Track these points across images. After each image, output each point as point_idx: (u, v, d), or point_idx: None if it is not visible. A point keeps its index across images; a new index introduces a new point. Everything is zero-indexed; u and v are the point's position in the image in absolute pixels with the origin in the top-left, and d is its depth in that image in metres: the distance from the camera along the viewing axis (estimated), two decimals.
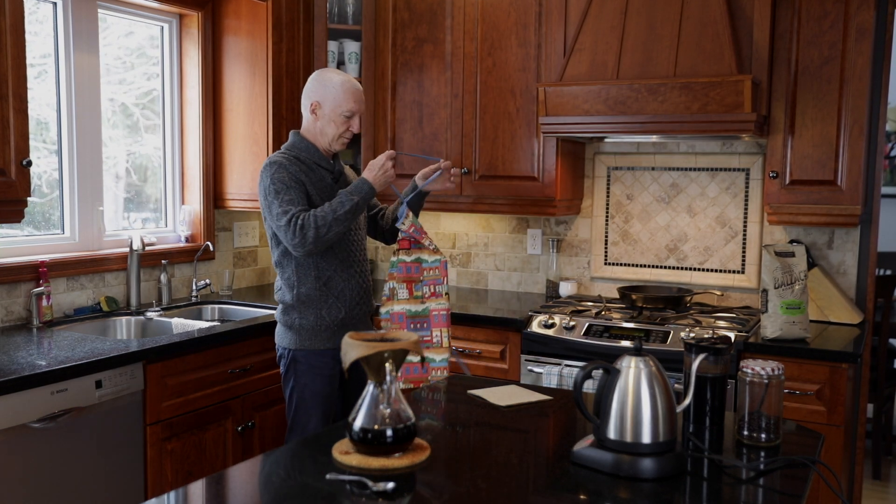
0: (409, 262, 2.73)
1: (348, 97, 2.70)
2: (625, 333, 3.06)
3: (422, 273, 2.74)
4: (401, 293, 2.72)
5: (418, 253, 2.74)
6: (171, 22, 3.69)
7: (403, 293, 2.72)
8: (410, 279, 2.72)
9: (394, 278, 2.73)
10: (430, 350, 2.72)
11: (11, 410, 2.27)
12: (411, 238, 2.72)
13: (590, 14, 3.17)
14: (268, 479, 1.63)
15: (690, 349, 1.90)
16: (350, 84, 2.72)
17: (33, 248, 3.11)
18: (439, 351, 2.73)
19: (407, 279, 2.72)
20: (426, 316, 2.73)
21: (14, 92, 2.55)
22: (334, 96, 2.70)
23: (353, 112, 2.72)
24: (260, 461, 1.70)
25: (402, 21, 3.75)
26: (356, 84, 2.74)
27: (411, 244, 2.72)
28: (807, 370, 2.78)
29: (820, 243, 3.34)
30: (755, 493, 1.60)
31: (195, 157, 3.75)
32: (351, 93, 2.71)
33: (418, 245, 2.74)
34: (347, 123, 2.72)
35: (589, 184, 3.77)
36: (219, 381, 2.95)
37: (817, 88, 3.00)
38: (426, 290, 2.73)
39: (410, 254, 2.73)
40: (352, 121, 2.73)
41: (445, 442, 1.84)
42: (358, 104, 2.74)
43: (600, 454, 1.63)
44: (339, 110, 2.70)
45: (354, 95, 2.72)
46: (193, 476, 2.83)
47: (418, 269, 2.73)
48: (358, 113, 2.74)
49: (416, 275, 2.73)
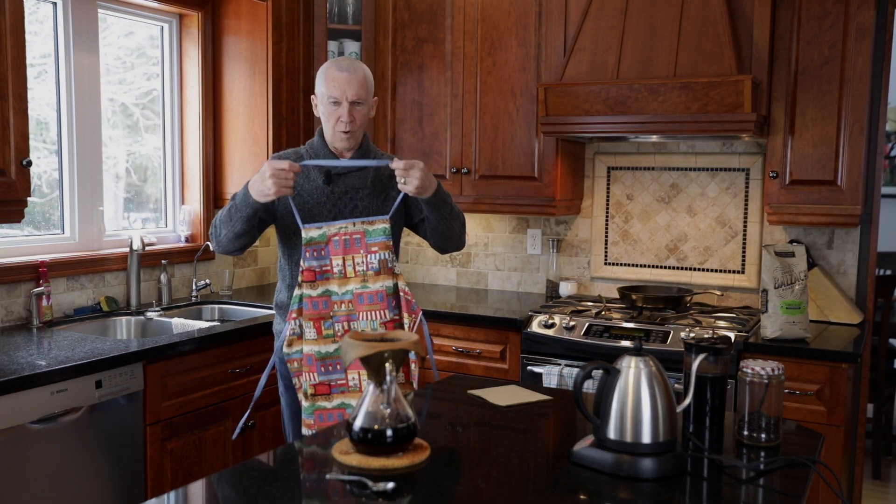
0: (316, 296, 2.30)
1: (329, 81, 2.33)
2: (625, 333, 3.06)
3: (331, 308, 2.31)
4: (308, 333, 2.30)
5: (325, 285, 2.30)
6: (171, 22, 3.69)
7: (311, 333, 2.30)
8: (319, 316, 2.30)
9: (301, 315, 2.31)
10: (346, 395, 2.32)
11: (11, 410, 2.27)
12: (316, 269, 2.29)
13: (590, 14, 3.18)
14: (268, 479, 1.63)
15: (690, 349, 1.90)
16: (334, 67, 2.34)
17: (33, 248, 3.11)
18: (355, 395, 2.32)
19: (314, 316, 2.30)
20: (338, 357, 2.31)
21: (14, 92, 2.55)
22: (320, 83, 2.37)
23: (335, 98, 2.32)
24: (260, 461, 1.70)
25: (402, 21, 3.76)
26: (344, 66, 2.33)
27: (316, 275, 2.29)
28: (807, 370, 2.78)
29: (820, 243, 3.34)
30: (755, 493, 1.60)
31: (195, 157, 3.75)
32: (332, 77, 2.32)
33: (324, 276, 2.30)
34: (336, 113, 2.34)
35: (589, 184, 3.77)
36: (219, 381, 2.95)
37: (817, 88, 3.00)
38: (338, 329, 2.30)
39: (315, 286, 2.30)
40: (339, 109, 2.33)
41: (445, 442, 1.84)
42: (339, 89, 2.31)
43: (600, 454, 1.63)
44: (324, 99, 2.36)
45: (335, 80, 2.31)
46: (193, 476, 2.83)
47: (327, 304, 2.30)
48: (342, 99, 2.31)
49: (325, 310, 2.30)
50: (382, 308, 2.31)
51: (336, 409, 2.34)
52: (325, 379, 2.34)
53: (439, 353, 3.41)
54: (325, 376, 2.34)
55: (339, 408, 2.34)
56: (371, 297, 2.30)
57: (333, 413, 2.34)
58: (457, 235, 2.48)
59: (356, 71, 2.35)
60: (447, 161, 3.69)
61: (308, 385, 2.33)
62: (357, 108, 2.35)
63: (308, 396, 2.34)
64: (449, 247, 2.52)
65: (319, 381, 2.33)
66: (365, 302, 2.30)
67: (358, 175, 2.42)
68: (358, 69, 2.36)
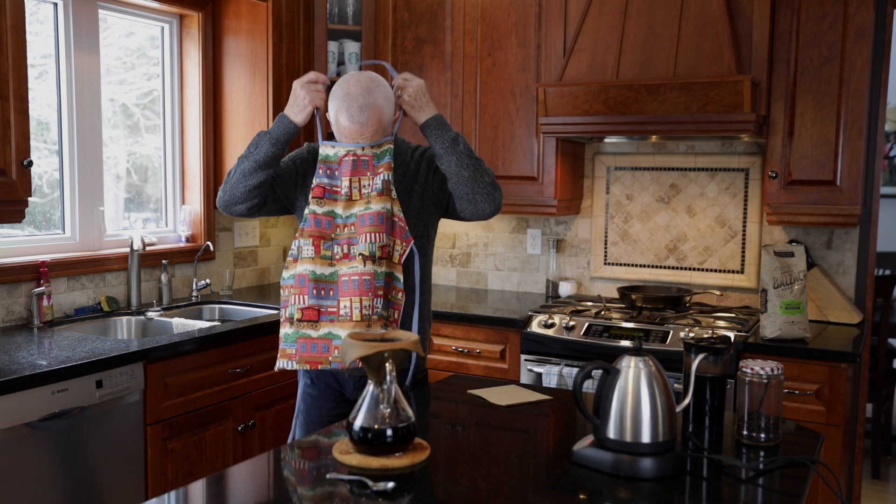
0: (321, 213, 2.23)
1: (340, 130, 2.24)
2: (624, 333, 3.07)
3: (334, 229, 2.23)
4: (306, 250, 2.22)
5: (331, 205, 2.24)
6: (171, 22, 3.69)
7: (308, 250, 2.22)
8: (320, 234, 2.23)
9: (302, 234, 2.24)
10: (335, 324, 2.20)
11: (12, 410, 2.27)
12: (326, 186, 2.24)
13: (589, 14, 3.18)
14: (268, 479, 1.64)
15: (690, 349, 1.91)
16: (345, 115, 2.20)
17: (34, 248, 3.11)
18: (345, 325, 2.19)
19: (315, 234, 2.23)
20: (333, 282, 2.21)
21: (15, 92, 2.55)
22: (333, 120, 2.26)
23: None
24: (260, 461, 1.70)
25: (402, 21, 3.76)
26: (355, 113, 2.19)
27: (325, 192, 2.24)
28: (806, 370, 2.78)
29: (819, 243, 3.34)
30: (755, 493, 1.61)
31: (195, 157, 3.75)
32: (343, 127, 2.23)
33: (333, 195, 2.24)
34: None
35: (589, 184, 3.78)
36: (219, 381, 2.95)
37: (817, 88, 3.01)
38: (337, 251, 2.22)
39: (322, 204, 2.23)
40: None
41: (445, 442, 1.85)
42: (352, 139, 2.23)
43: (600, 454, 1.64)
44: (339, 137, 2.27)
45: (347, 132, 2.23)
46: (194, 476, 2.84)
47: (329, 224, 2.23)
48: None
49: (328, 231, 2.23)
50: (381, 231, 2.21)
51: (322, 338, 2.20)
52: (316, 303, 2.20)
53: (439, 352, 3.41)
54: (315, 300, 2.20)
55: (325, 338, 2.19)
56: (372, 218, 2.20)
57: (318, 343, 2.20)
58: (486, 185, 2.24)
59: (370, 119, 2.19)
60: None
61: (296, 308, 2.20)
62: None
63: (294, 322, 2.20)
64: (479, 199, 2.25)
65: (309, 304, 2.19)
66: (366, 224, 2.21)
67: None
68: (371, 115, 2.19)
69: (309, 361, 2.20)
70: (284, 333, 2.24)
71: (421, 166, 2.33)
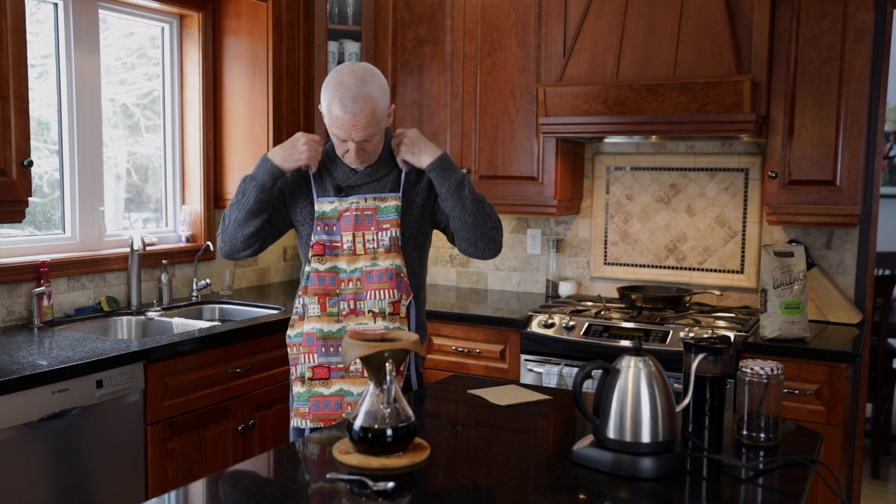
0: (323, 270, 2.22)
1: (332, 120, 2.14)
2: (624, 333, 3.07)
3: (338, 285, 2.22)
4: (312, 309, 2.22)
5: (333, 260, 2.23)
6: (171, 22, 3.69)
7: (315, 309, 2.21)
8: (325, 292, 2.22)
9: (306, 293, 2.24)
10: (346, 380, 2.21)
11: (12, 410, 2.27)
12: (326, 243, 2.22)
13: (589, 14, 3.18)
14: (268, 479, 1.64)
15: (690, 349, 1.91)
16: (337, 104, 2.10)
17: (34, 248, 3.11)
18: (356, 381, 2.21)
19: (319, 292, 2.22)
20: (341, 337, 2.20)
21: (15, 92, 2.55)
22: (325, 111, 2.17)
23: (341, 138, 2.16)
24: (260, 461, 1.70)
25: (402, 21, 3.76)
26: (348, 103, 2.09)
27: (325, 249, 2.22)
28: (806, 370, 2.79)
29: (819, 243, 3.34)
30: (754, 493, 1.61)
31: (196, 157, 3.76)
32: (335, 117, 2.12)
33: (334, 251, 2.22)
34: (343, 147, 2.18)
35: (588, 184, 3.78)
36: (219, 381, 2.95)
37: (816, 89, 3.01)
38: (343, 307, 2.21)
39: (324, 261, 2.22)
40: (346, 145, 2.16)
41: (445, 442, 1.85)
42: (344, 131, 2.12)
43: (600, 454, 1.64)
44: (330, 130, 2.19)
45: (340, 122, 2.11)
46: (194, 476, 2.84)
47: (333, 280, 2.22)
48: (349, 139, 2.13)
49: (332, 287, 2.22)
50: (391, 287, 2.20)
51: (334, 395, 2.21)
52: (325, 361, 2.21)
53: (439, 352, 3.41)
54: (325, 357, 2.21)
55: (337, 395, 2.21)
56: (380, 276, 2.20)
57: (331, 400, 2.21)
58: (488, 230, 2.23)
59: (363, 109, 2.09)
60: None
61: (306, 367, 2.22)
62: (367, 143, 2.16)
63: (305, 381, 2.23)
64: (480, 244, 2.24)
65: (319, 362, 2.21)
66: (374, 280, 2.20)
67: (373, 185, 2.25)
68: (365, 105, 2.09)
69: (323, 419, 2.21)
70: (297, 392, 2.26)
71: (423, 180, 2.27)
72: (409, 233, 2.26)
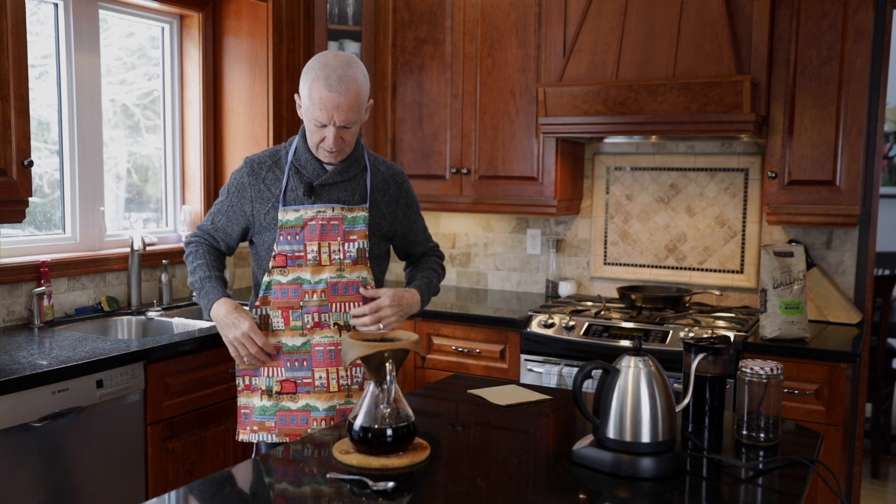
0: (286, 283, 2.15)
1: (314, 101, 2.04)
2: (624, 333, 3.07)
3: (301, 297, 2.15)
4: (275, 322, 2.16)
5: (296, 271, 2.15)
6: (171, 22, 3.69)
7: (279, 322, 2.16)
8: (288, 305, 2.16)
9: (266, 303, 2.17)
10: (312, 395, 2.17)
11: (13, 410, 2.27)
12: (288, 254, 2.15)
13: (589, 14, 3.18)
14: (268, 479, 1.64)
15: (690, 349, 1.91)
16: (322, 83, 2.02)
17: (34, 248, 3.12)
18: (322, 397, 2.17)
19: (283, 305, 2.16)
20: (306, 352, 2.16)
21: (15, 92, 2.55)
22: (304, 92, 2.07)
23: (321, 122, 2.06)
24: (260, 461, 1.70)
25: (402, 21, 3.76)
26: (334, 82, 2.02)
27: (287, 260, 2.14)
28: (806, 370, 2.79)
29: (819, 243, 3.34)
30: (754, 493, 1.61)
31: (196, 157, 3.76)
32: (318, 97, 2.02)
33: (296, 262, 2.14)
34: (321, 133, 2.08)
35: (588, 184, 3.78)
36: (219, 381, 2.96)
37: (816, 89, 3.01)
38: (308, 320, 2.15)
39: (286, 273, 2.15)
40: (324, 131, 2.07)
41: (445, 442, 1.85)
42: (326, 112, 2.03)
43: (600, 454, 1.64)
44: (309, 115, 2.08)
45: (323, 102, 2.02)
46: (194, 476, 2.84)
47: (297, 293, 2.15)
48: (328, 123, 2.04)
49: (295, 299, 2.15)
50: (358, 299, 2.18)
51: (301, 411, 2.17)
52: (291, 376, 2.17)
53: (439, 352, 3.42)
54: (291, 372, 2.17)
55: (304, 410, 2.17)
56: (346, 288, 2.17)
57: (297, 415, 2.17)
58: None
59: (347, 91, 2.03)
60: (447, 161, 3.70)
61: (274, 381, 2.18)
62: (345, 131, 2.09)
63: (272, 394, 2.18)
64: None
65: (286, 376, 2.17)
66: (339, 292, 2.16)
67: (345, 186, 2.19)
68: (350, 87, 2.04)
69: (289, 434, 2.17)
70: (261, 406, 2.20)
71: (389, 189, 2.28)
72: (374, 241, 2.23)
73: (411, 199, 2.36)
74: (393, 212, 2.29)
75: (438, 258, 2.46)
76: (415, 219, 2.38)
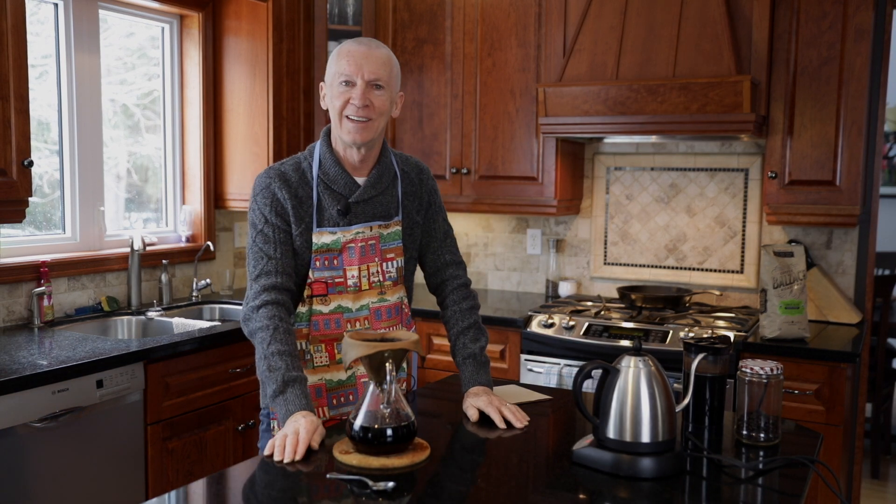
0: (327, 313, 1.93)
1: (341, 57, 1.87)
2: (624, 333, 3.07)
3: (344, 327, 1.94)
4: (318, 358, 1.94)
5: (338, 299, 1.93)
6: (171, 22, 3.69)
7: (322, 358, 1.94)
8: (332, 338, 1.94)
9: (303, 337, 1.94)
10: None
11: (13, 410, 2.27)
12: (328, 280, 1.93)
13: (589, 15, 3.18)
14: (268, 479, 1.64)
15: (689, 349, 1.91)
16: (350, 41, 1.89)
17: (34, 248, 3.12)
18: None
19: (326, 338, 1.94)
20: (352, 385, 1.97)
21: (15, 92, 2.56)
22: (331, 63, 1.91)
23: (348, 77, 1.86)
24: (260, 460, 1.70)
25: (402, 21, 3.76)
26: (364, 41, 1.90)
27: (328, 287, 1.93)
28: (806, 370, 2.79)
29: (819, 243, 3.34)
30: (754, 493, 1.61)
31: (196, 157, 3.76)
32: (346, 51, 1.87)
33: (337, 289, 1.93)
34: (346, 95, 1.86)
35: (588, 184, 3.78)
36: (219, 381, 2.96)
37: (816, 89, 3.01)
38: None
39: (327, 301, 1.93)
40: (350, 91, 1.86)
41: (445, 441, 1.85)
42: (354, 64, 1.85)
43: (600, 454, 1.64)
44: (334, 81, 1.89)
45: (351, 54, 1.86)
46: (194, 476, 2.84)
47: (339, 323, 1.94)
48: (356, 77, 1.85)
49: (339, 330, 1.94)
50: (398, 323, 2.01)
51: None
52: (336, 413, 1.97)
53: (439, 352, 3.41)
54: (335, 410, 1.96)
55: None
56: (389, 312, 1.98)
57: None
58: None
59: (379, 47, 1.89)
60: (447, 161, 3.70)
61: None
62: (376, 92, 1.87)
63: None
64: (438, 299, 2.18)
65: (330, 416, 1.96)
66: (383, 317, 1.97)
67: (379, 200, 1.98)
68: (381, 47, 1.91)
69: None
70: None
71: (432, 206, 2.09)
72: (409, 256, 2.06)
73: (434, 197, 2.11)
74: (423, 217, 2.09)
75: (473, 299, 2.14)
76: (435, 218, 2.10)
